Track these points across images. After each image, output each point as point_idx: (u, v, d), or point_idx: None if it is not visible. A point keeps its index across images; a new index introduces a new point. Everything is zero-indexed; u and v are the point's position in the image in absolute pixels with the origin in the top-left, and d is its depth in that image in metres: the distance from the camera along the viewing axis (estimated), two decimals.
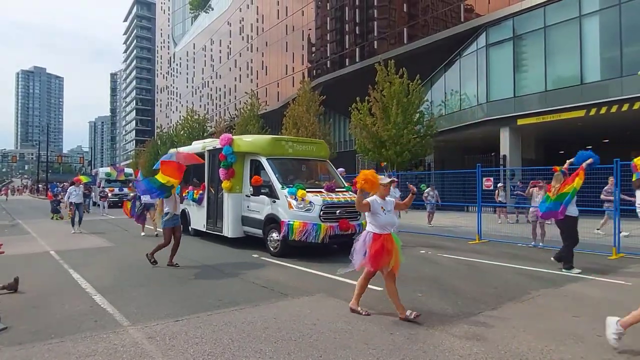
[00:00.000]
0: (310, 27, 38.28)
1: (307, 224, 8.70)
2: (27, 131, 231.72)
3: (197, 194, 12.04)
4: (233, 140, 10.46)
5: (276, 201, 9.26)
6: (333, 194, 9.38)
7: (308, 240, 8.68)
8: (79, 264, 8.52)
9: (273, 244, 9.30)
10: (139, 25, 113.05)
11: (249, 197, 10.17)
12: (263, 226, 9.63)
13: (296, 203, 8.85)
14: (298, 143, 10.75)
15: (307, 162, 10.95)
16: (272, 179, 9.47)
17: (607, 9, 17.95)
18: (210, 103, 63.52)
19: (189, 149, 13.19)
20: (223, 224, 10.69)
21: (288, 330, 4.61)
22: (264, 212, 9.62)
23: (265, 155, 9.97)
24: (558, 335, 4.47)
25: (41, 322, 4.91)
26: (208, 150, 11.72)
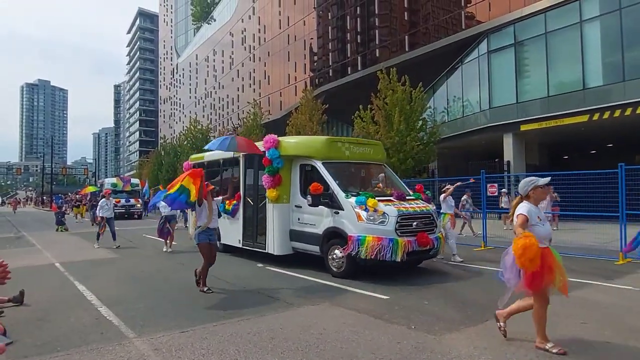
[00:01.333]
0: (312, 37, 38.53)
1: (381, 239, 7.31)
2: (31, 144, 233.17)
3: (230, 204, 10.64)
4: (280, 142, 9.10)
5: (340, 212, 7.85)
6: (406, 203, 8.12)
7: (383, 259, 7.28)
8: (84, 275, 8.52)
9: (336, 262, 7.89)
10: (142, 37, 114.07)
11: (299, 207, 8.78)
12: (321, 242, 8.22)
13: (367, 214, 7.49)
14: (355, 145, 9.36)
15: (365, 166, 9.59)
16: (333, 187, 8.08)
17: (608, 14, 18.00)
18: (213, 113, 63.83)
19: (212, 154, 12.17)
20: (267, 240, 9.27)
21: (295, 340, 4.59)
22: (322, 226, 8.23)
23: (320, 159, 8.60)
24: (566, 342, 4.42)
25: (47, 335, 4.91)
26: (244, 155, 10.23)
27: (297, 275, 8.21)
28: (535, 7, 19.98)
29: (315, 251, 8.48)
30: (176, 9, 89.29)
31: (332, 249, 7.99)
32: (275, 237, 9.08)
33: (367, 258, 7.35)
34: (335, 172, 8.47)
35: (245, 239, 10.12)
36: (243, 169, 10.36)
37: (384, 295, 6.49)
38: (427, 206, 8.35)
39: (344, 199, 7.86)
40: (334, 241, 7.98)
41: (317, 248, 8.40)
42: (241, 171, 10.39)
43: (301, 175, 8.94)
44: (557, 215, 14.18)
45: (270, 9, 46.34)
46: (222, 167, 11.63)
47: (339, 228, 7.84)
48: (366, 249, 7.33)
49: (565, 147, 23.98)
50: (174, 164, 45.26)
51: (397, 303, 6.04)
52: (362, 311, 5.67)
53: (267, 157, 9.05)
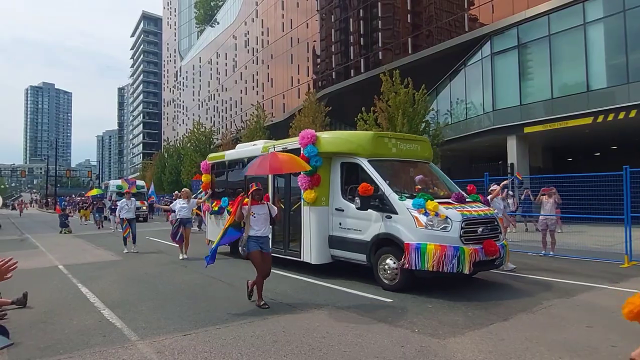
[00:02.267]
0: (315, 39, 38.58)
1: (445, 247, 6.40)
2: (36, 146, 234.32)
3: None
4: (318, 138, 8.18)
5: (392, 217, 6.91)
6: (467, 205, 7.14)
7: (447, 270, 6.39)
8: (88, 278, 8.53)
9: (388, 274, 6.94)
10: (145, 40, 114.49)
11: (340, 211, 7.89)
12: (369, 250, 7.27)
13: (426, 219, 6.59)
14: (402, 140, 8.41)
15: (412, 164, 8.62)
16: (383, 188, 7.15)
17: (612, 16, 17.94)
18: (217, 116, 63.95)
19: (235, 152, 11.42)
20: (302, 247, 8.38)
21: (297, 343, 4.56)
22: (370, 231, 7.28)
23: (365, 157, 7.71)
24: (571, 347, 4.39)
25: (50, 338, 4.90)
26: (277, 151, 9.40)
27: (300, 277, 8.18)
28: (539, 9, 19.95)
29: (361, 260, 7.52)
30: (180, 12, 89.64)
31: (383, 259, 7.05)
32: (313, 244, 8.12)
33: (428, 269, 6.44)
34: (382, 171, 7.54)
35: (274, 245, 8.95)
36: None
37: (387, 298, 6.46)
38: (490, 209, 7.49)
39: (398, 201, 6.91)
40: (385, 249, 7.05)
41: (363, 257, 7.42)
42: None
43: (342, 174, 8.06)
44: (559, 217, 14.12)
45: (273, 12, 46.45)
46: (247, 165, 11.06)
47: (392, 234, 6.88)
48: (428, 259, 6.42)
49: (569, 149, 23.89)
50: (177, 167, 45.38)
51: (400, 306, 6.02)
52: (365, 314, 5.65)
53: (303, 154, 8.06)
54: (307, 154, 8.08)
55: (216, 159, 12.15)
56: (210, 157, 12.56)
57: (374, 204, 7.12)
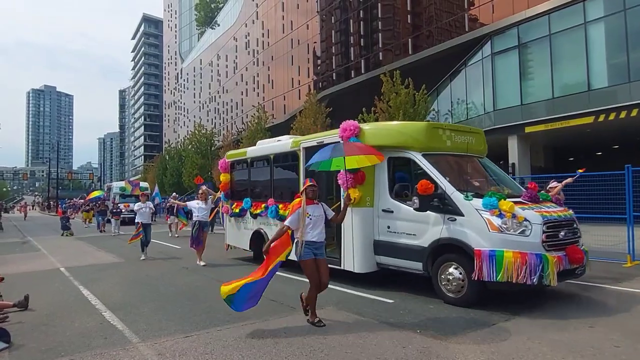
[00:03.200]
0: (316, 41, 38.59)
1: (525, 255, 5.47)
2: (37, 149, 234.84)
3: (284, 209, 8.78)
4: (362, 130, 7.34)
5: (457, 219, 6.03)
6: (542, 206, 6.24)
7: (530, 282, 5.43)
8: (89, 280, 8.53)
9: (452, 285, 6.04)
10: (146, 43, 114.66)
11: (389, 212, 6.98)
12: (426, 258, 6.37)
13: (501, 221, 5.70)
14: (456, 132, 7.39)
15: (467, 159, 7.62)
16: (444, 186, 6.25)
17: (612, 15, 17.92)
18: (218, 117, 64.00)
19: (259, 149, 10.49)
20: (342, 254, 7.50)
21: (299, 345, 4.56)
22: (427, 236, 6.37)
23: (419, 150, 6.80)
24: (574, 347, 4.37)
25: (51, 340, 4.90)
26: (306, 148, 8.43)
27: (300, 278, 8.15)
28: (539, 8, 19.93)
29: (415, 269, 6.62)
30: (180, 14, 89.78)
31: (445, 268, 6.16)
32: (356, 250, 7.24)
33: (506, 281, 5.49)
34: (439, 167, 6.64)
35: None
36: (304, 164, 8.38)
37: (388, 299, 6.45)
38: (567, 210, 6.53)
39: (463, 200, 6.03)
40: (447, 257, 6.16)
41: (418, 265, 6.53)
42: (301, 167, 8.50)
43: (389, 171, 7.14)
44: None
45: (273, 13, 46.50)
46: (274, 164, 9.66)
47: (458, 239, 5.98)
48: (507, 269, 5.47)
49: (570, 148, 23.84)
50: (178, 169, 45.40)
51: (402, 307, 6.00)
52: (366, 315, 5.63)
53: None
54: None
55: (236, 156, 11.26)
56: (229, 154, 11.65)
57: (434, 204, 6.25)
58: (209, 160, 40.48)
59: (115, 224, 20.51)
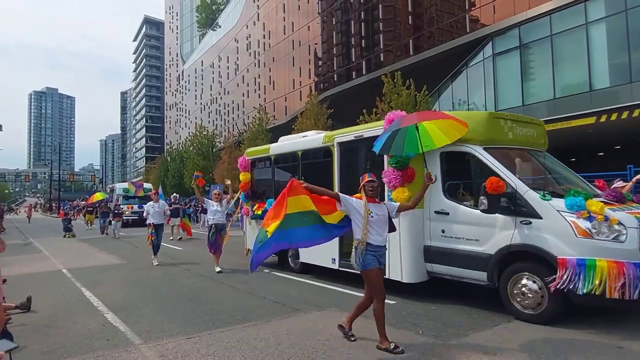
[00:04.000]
0: (317, 42, 38.62)
1: (622, 264, 4.66)
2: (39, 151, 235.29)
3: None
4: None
5: (532, 222, 5.23)
6: (631, 207, 5.50)
7: (631, 297, 4.62)
8: (91, 282, 8.54)
9: (528, 300, 5.24)
10: (148, 45, 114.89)
11: (443, 215, 6.16)
12: (492, 267, 5.58)
13: (590, 225, 4.91)
14: (518, 123, 6.55)
15: (529, 154, 6.83)
16: (515, 183, 5.48)
17: (614, 16, 17.90)
18: (219, 119, 64.06)
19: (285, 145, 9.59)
20: (388, 261, 5.98)
21: (301, 346, 4.55)
22: (494, 241, 5.59)
23: (480, 143, 6.03)
24: (577, 347, 4.36)
25: (53, 342, 4.91)
26: (341, 143, 7.73)
27: (302, 280, 8.16)
28: (540, 9, 19.92)
29: (478, 280, 5.84)
30: (181, 16, 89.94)
31: (517, 279, 5.36)
32: (404, 258, 6.44)
33: (601, 295, 4.65)
34: (504, 162, 5.84)
35: (344, 257, 7.36)
36: (339, 161, 7.77)
37: (390, 300, 6.42)
38: None
39: (540, 200, 5.26)
40: (520, 266, 5.36)
41: (481, 275, 5.75)
42: (335, 165, 7.77)
43: (442, 167, 6.31)
44: None
45: (274, 14, 46.56)
46: (302, 161, 8.86)
47: (535, 246, 5.18)
48: (597, 281, 4.67)
49: (572, 149, 23.75)
50: (180, 170, 45.45)
51: (404, 308, 5.99)
52: (369, 316, 5.58)
53: None
54: None
55: (258, 153, 10.47)
56: (249, 152, 10.86)
57: (503, 205, 5.49)
58: (210, 162, 40.53)
59: (115, 226, 19.68)
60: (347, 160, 7.81)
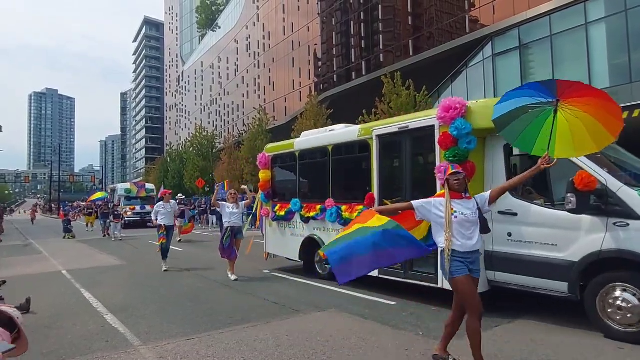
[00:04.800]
0: (316, 42, 38.65)
1: None
2: (39, 152, 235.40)
3: (350, 211, 7.29)
4: (469, 109, 5.70)
5: (629, 224, 4.49)
6: None
7: None
8: (91, 283, 8.52)
9: (625, 316, 4.50)
10: (148, 46, 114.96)
11: (511, 215, 5.39)
12: (576, 275, 4.84)
13: None
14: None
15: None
16: (605, 178, 4.76)
17: (614, 16, 17.91)
18: (219, 120, 64.10)
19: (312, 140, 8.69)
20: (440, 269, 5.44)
21: (301, 347, 4.54)
22: (577, 246, 4.84)
23: None
24: (578, 349, 4.35)
25: (53, 343, 4.89)
26: (381, 136, 6.91)
27: (302, 281, 8.15)
28: (540, 9, 19.94)
29: (557, 291, 5.05)
30: (181, 17, 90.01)
31: (609, 290, 4.64)
32: None
33: None
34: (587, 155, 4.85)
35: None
36: (378, 156, 6.92)
37: (390, 301, 6.43)
38: None
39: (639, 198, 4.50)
40: (613, 275, 4.64)
41: (561, 286, 4.98)
42: (374, 161, 6.93)
43: (507, 161, 5.62)
44: None
45: (274, 15, 46.59)
46: (333, 157, 7.97)
47: (635, 252, 4.42)
48: None
49: None
50: (180, 171, 45.53)
51: (404, 309, 5.98)
52: (369, 317, 5.61)
53: (448, 132, 5.68)
54: (455, 131, 5.59)
55: (279, 149, 9.57)
56: (269, 147, 9.96)
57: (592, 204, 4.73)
58: (210, 163, 40.56)
59: (114, 227, 18.87)
60: (388, 155, 7.06)
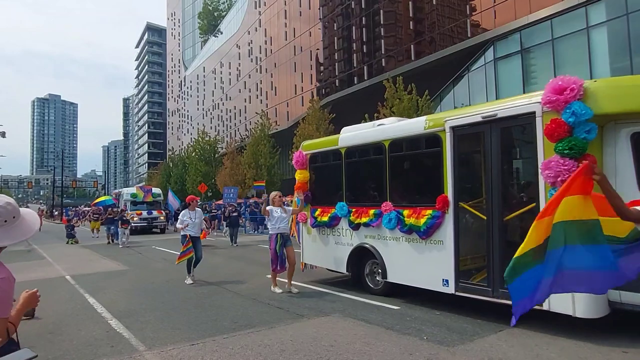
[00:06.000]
0: (318, 47, 38.77)
1: None
2: (42, 157, 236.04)
3: (414, 216, 6.26)
4: (587, 90, 4.71)
5: None
6: None
7: None
8: (95, 288, 8.54)
9: None
10: (150, 51, 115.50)
11: None
12: None
13: None
14: None
15: None
16: None
17: (615, 20, 17.94)
18: (221, 125, 64.24)
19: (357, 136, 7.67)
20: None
21: (305, 352, 4.54)
22: None
23: None
24: (583, 353, 4.34)
25: (58, 349, 4.91)
26: (457, 128, 5.83)
27: (306, 285, 8.15)
28: (541, 14, 19.98)
29: None
30: (183, 22, 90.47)
31: None
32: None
33: None
34: None
35: (463, 279, 5.72)
36: (453, 151, 5.86)
37: (394, 305, 6.42)
38: None
39: None
40: None
41: None
42: (447, 158, 5.89)
43: (636, 152, 4.61)
44: None
45: (276, 20, 46.79)
46: (391, 153, 6.83)
47: None
48: None
49: None
50: (182, 176, 45.57)
51: (408, 314, 5.98)
52: (373, 322, 5.61)
53: (561, 120, 4.63)
54: (570, 119, 4.56)
55: (320, 147, 8.53)
56: (307, 145, 8.88)
57: None
58: (212, 167, 40.61)
59: (122, 234, 17.79)
60: (466, 150, 6.08)
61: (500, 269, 5.08)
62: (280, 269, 7.59)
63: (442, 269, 5.93)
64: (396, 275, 6.73)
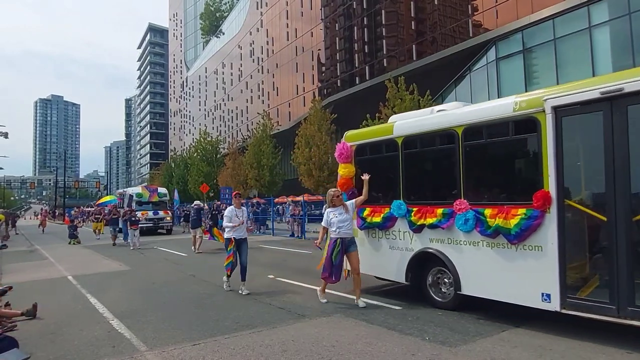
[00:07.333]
0: (320, 48, 38.80)
1: None
2: (44, 158, 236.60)
3: (500, 215, 5.28)
4: None
5: None
6: None
7: None
8: (97, 288, 8.54)
9: None
10: (152, 52, 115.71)
11: None
12: None
13: None
14: None
15: None
16: None
17: (617, 19, 17.89)
18: (223, 125, 64.32)
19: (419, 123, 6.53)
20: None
21: (307, 352, 4.53)
22: None
23: None
24: (586, 353, 4.32)
25: (59, 349, 4.91)
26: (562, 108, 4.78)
27: (307, 286, 8.13)
28: (543, 13, 19.95)
29: None
30: (185, 23, 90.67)
31: None
32: None
33: None
34: None
35: (572, 293, 4.73)
36: (555, 137, 4.82)
37: (396, 306, 6.41)
38: None
39: None
40: None
41: None
42: (549, 143, 4.85)
43: None
44: None
45: (278, 21, 46.83)
46: (466, 142, 5.79)
47: None
48: None
49: None
50: (184, 176, 45.63)
51: (410, 314, 5.96)
52: (375, 322, 5.60)
53: None
54: None
55: (369, 137, 7.43)
56: (351, 135, 7.73)
57: None
58: (214, 168, 40.64)
59: (132, 234, 16.90)
60: (576, 135, 4.97)
61: (628, 282, 4.30)
62: (335, 280, 6.57)
63: (541, 281, 4.90)
64: (473, 287, 5.69)
